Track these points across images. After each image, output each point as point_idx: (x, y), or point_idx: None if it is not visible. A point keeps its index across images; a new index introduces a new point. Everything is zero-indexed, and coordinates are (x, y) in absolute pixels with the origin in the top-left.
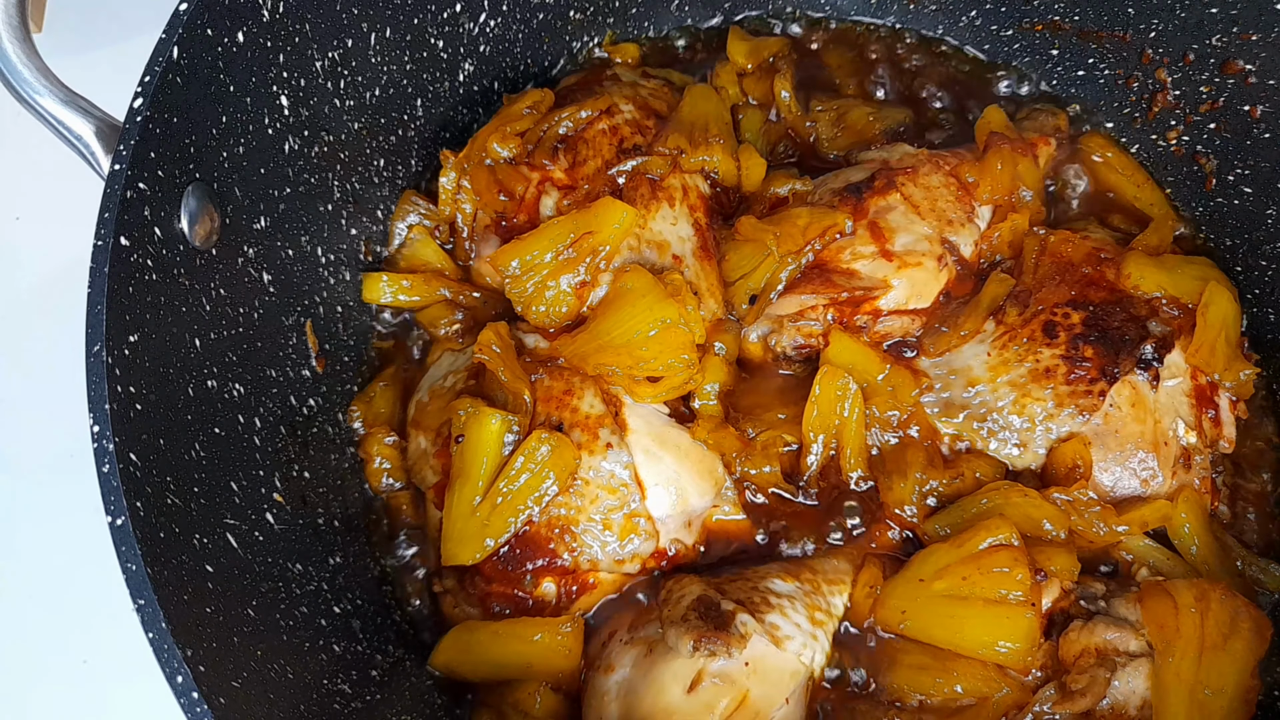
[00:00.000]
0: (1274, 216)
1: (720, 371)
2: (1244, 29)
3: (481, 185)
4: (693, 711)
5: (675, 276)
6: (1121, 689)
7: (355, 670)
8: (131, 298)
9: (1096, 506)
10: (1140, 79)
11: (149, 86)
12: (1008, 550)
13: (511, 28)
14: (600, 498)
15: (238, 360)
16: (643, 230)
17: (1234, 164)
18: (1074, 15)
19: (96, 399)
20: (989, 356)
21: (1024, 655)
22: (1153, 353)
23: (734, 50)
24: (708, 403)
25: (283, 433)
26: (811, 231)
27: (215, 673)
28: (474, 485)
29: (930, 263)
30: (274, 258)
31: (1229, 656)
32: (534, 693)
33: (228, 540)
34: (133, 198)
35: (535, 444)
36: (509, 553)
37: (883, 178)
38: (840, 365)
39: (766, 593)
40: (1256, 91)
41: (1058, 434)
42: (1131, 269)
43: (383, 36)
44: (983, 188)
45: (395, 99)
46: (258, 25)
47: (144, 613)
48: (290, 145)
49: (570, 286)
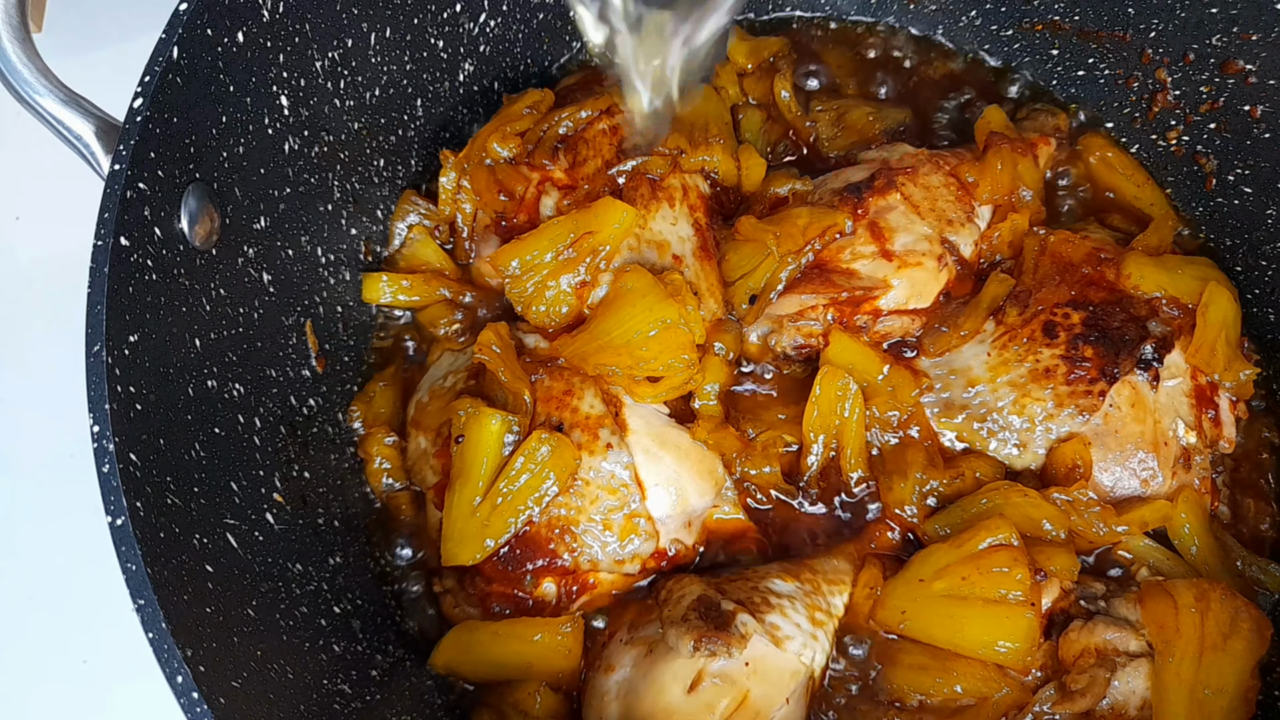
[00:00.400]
0: (1274, 216)
1: (720, 371)
2: (1244, 29)
3: (481, 185)
4: (693, 711)
5: (675, 277)
6: (1121, 689)
7: (355, 670)
8: (131, 298)
9: (1096, 507)
10: (1140, 79)
11: (149, 86)
12: (1007, 550)
13: (511, 28)
14: (600, 498)
15: (238, 360)
16: (643, 230)
17: (1234, 164)
18: (1074, 15)
19: (96, 399)
20: (989, 357)
21: (1024, 655)
22: (1153, 353)
23: (734, 50)
24: (708, 403)
25: (283, 433)
26: (811, 231)
27: (215, 673)
28: (474, 485)
29: (930, 263)
30: (274, 258)
31: (1229, 656)
32: (534, 693)
33: (228, 540)
34: (133, 198)
35: (535, 444)
36: (509, 553)
37: (883, 177)
38: (840, 365)
39: (767, 593)
40: (1256, 91)
41: (1057, 434)
42: (1131, 269)
43: (383, 36)
44: (983, 188)
45: (395, 99)
46: (258, 25)
47: (144, 613)
48: (290, 145)
49: (570, 286)
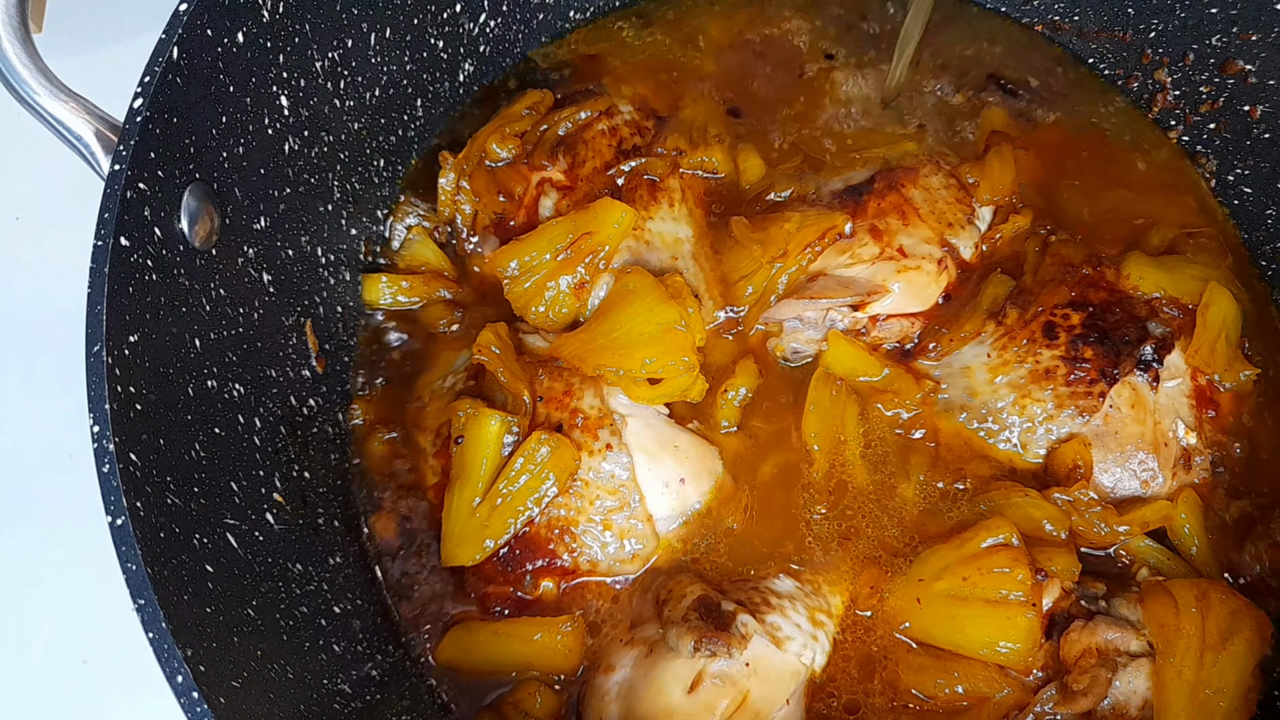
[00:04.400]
0: (1274, 216)
1: (752, 376)
2: (1244, 29)
3: (481, 186)
4: (693, 712)
5: (676, 278)
6: (1122, 689)
7: (355, 670)
8: (131, 298)
9: (1097, 507)
10: (1140, 79)
11: (149, 86)
12: (1008, 550)
13: (511, 28)
14: (600, 498)
15: (238, 360)
16: (642, 231)
17: (1234, 164)
18: (1074, 15)
19: (96, 399)
20: (989, 358)
21: (1025, 655)
22: (1152, 354)
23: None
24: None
25: (283, 433)
26: (807, 234)
27: (215, 673)
28: (474, 486)
29: (930, 266)
30: (274, 258)
31: (1230, 656)
32: (534, 693)
33: (228, 540)
34: (133, 198)
35: (535, 445)
36: (508, 554)
37: (883, 180)
38: (840, 369)
39: (767, 593)
40: (1256, 91)
41: (1058, 435)
42: (1131, 269)
43: (383, 36)
44: (983, 188)
45: (395, 99)
46: (258, 25)
47: (144, 613)
48: (290, 145)
49: (569, 287)
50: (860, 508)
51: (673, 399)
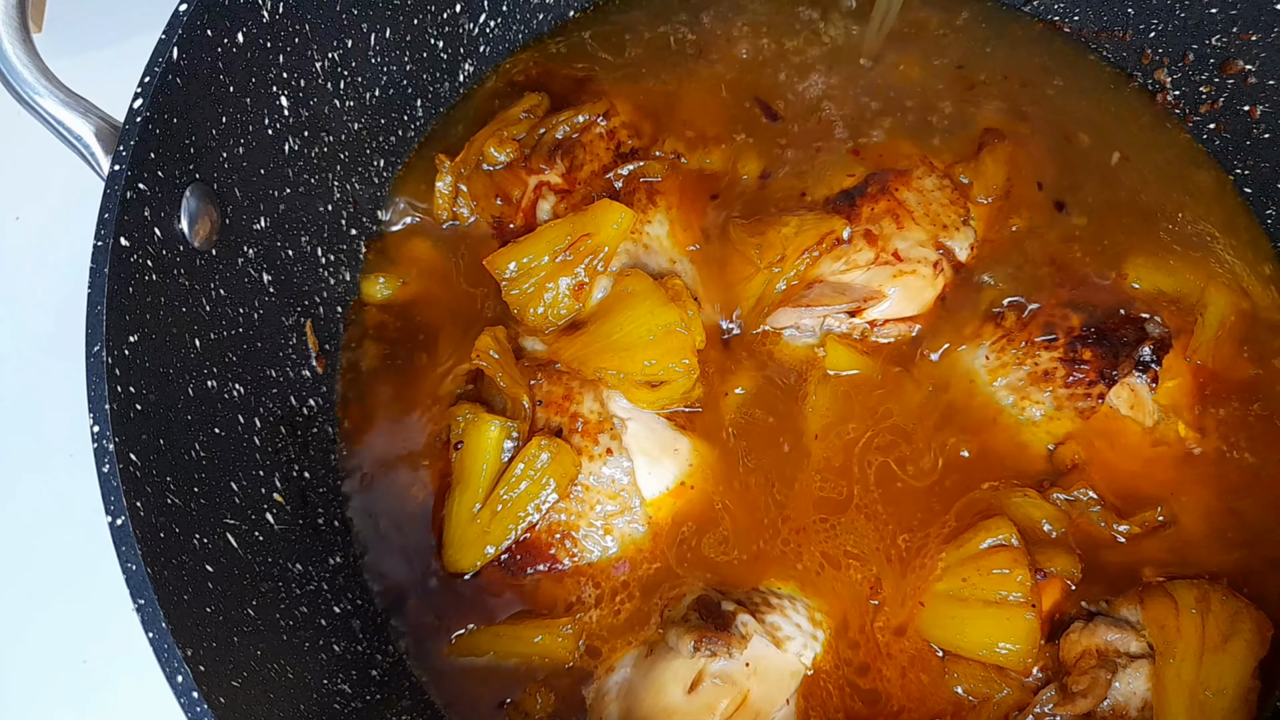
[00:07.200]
0: (1274, 216)
1: (751, 380)
2: (1244, 29)
3: (478, 190)
4: (693, 712)
5: (676, 281)
6: (1122, 690)
7: (355, 670)
8: (131, 298)
9: (1097, 507)
10: (1140, 79)
11: (149, 86)
12: (1008, 551)
13: (511, 28)
14: (601, 502)
15: (238, 360)
16: (640, 234)
17: (1234, 164)
18: (1074, 15)
19: (96, 399)
20: (988, 360)
21: (1024, 656)
22: (1151, 354)
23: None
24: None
25: (283, 433)
26: (805, 239)
27: (215, 673)
28: (474, 492)
29: (925, 269)
30: (274, 258)
31: (1230, 657)
32: (534, 693)
33: (228, 540)
34: (133, 198)
35: (535, 450)
36: (510, 559)
37: (875, 183)
38: (838, 374)
39: (767, 593)
40: (1256, 91)
41: (1057, 436)
42: (1131, 269)
43: (383, 36)
44: (977, 188)
45: (395, 99)
46: (258, 26)
47: (144, 613)
48: (290, 145)
49: (568, 289)
50: (860, 509)
51: (673, 402)
